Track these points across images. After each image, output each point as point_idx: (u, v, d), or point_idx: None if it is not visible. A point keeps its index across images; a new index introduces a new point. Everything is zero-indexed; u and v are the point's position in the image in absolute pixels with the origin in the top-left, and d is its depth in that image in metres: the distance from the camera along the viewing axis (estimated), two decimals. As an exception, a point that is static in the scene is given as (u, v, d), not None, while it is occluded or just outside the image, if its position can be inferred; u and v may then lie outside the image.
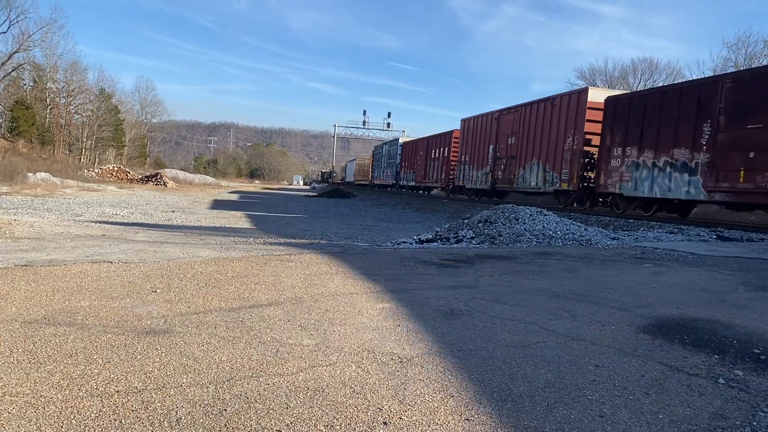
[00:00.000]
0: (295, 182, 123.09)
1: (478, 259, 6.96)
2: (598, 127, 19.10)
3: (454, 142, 33.05)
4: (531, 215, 11.08)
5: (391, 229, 16.64)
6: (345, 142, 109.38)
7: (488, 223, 10.75)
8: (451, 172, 33.47)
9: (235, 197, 37.56)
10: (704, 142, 14.51)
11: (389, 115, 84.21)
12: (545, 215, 11.26)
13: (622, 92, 20.45)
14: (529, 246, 9.07)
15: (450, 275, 5.73)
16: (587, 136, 19.65)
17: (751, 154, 13.17)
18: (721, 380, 2.83)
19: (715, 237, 11.43)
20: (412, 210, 27.68)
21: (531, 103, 23.71)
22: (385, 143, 52.87)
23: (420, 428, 2.19)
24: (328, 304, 4.21)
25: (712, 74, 31.09)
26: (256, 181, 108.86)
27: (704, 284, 5.66)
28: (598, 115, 19.07)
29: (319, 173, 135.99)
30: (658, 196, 16.14)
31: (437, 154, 36.27)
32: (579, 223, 11.65)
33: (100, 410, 2.23)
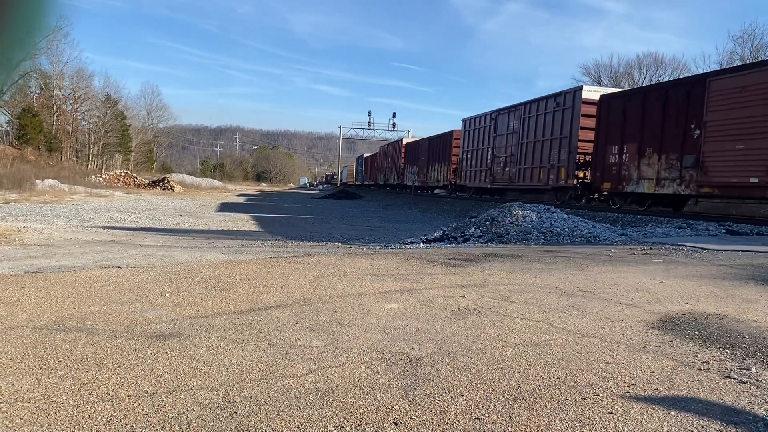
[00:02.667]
0: (302, 184, 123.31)
1: (486, 258, 6.94)
2: (405, 156, 45.03)
3: (377, 159, 57.83)
4: (538, 213, 11.05)
5: (398, 230, 16.63)
6: (351, 143, 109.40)
7: (495, 222, 10.73)
8: (380, 175, 54.92)
9: (242, 200, 37.65)
10: (420, 163, 39.90)
11: (394, 115, 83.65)
12: (552, 212, 11.23)
13: (414, 139, 45.46)
14: (537, 243, 9.05)
15: (458, 274, 5.72)
16: (402, 161, 45.63)
17: (425, 170, 38.88)
18: (732, 375, 2.82)
19: (724, 231, 11.36)
20: (419, 210, 27.67)
21: (387, 144, 54.63)
22: (359, 156, 74.95)
23: (430, 428, 2.19)
24: (336, 305, 4.22)
25: (718, 68, 34.79)
26: (263, 184, 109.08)
27: (714, 279, 5.62)
28: (406, 148, 45.09)
29: (324, 176, 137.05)
30: (417, 184, 40.04)
31: (375, 166, 59.66)
32: (587, 220, 11.62)
33: (111, 415, 2.24)
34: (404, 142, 45.43)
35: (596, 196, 19.77)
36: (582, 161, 20.05)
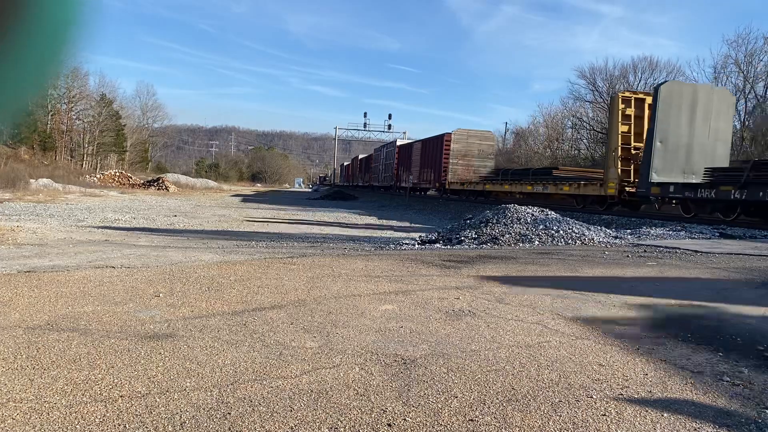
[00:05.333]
0: (297, 185, 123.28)
1: (481, 260, 6.95)
2: (360, 167, 66.64)
3: (351, 167, 74.59)
4: (533, 215, 11.07)
5: (393, 231, 16.65)
6: (346, 144, 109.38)
7: (490, 224, 10.74)
8: (351, 178, 72.39)
9: (237, 200, 37.58)
10: (362, 171, 64.31)
11: (390, 116, 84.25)
12: (547, 215, 11.25)
13: (364, 156, 65.77)
14: (532, 246, 9.06)
15: (453, 276, 5.72)
16: (358, 170, 67.21)
17: (365, 175, 60.76)
18: (725, 378, 2.83)
19: (718, 234, 11.41)
20: (414, 212, 27.70)
21: (354, 158, 75.90)
22: (341, 164, 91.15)
23: (424, 429, 2.19)
24: (330, 306, 4.21)
25: (712, 71, 35.23)
26: (258, 185, 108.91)
27: (707, 282, 5.65)
28: (360, 162, 66.93)
29: (318, 177, 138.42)
30: (362, 184, 62.10)
31: (349, 172, 76.02)
32: (581, 222, 11.64)
33: (104, 415, 2.23)
34: (359, 157, 68.48)
35: (398, 189, 42.85)
36: (395, 174, 43.26)
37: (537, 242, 9.47)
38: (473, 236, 10.15)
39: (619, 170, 17.98)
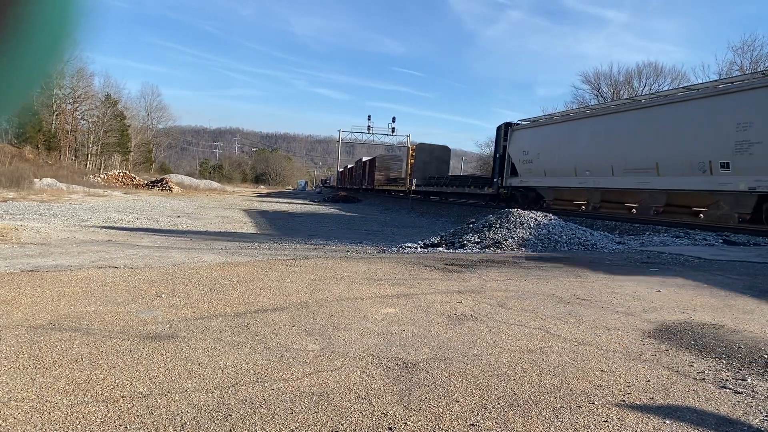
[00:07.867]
0: (300, 186, 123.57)
1: (483, 264, 6.94)
2: (348, 173, 78.16)
3: (344, 173, 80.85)
4: (536, 220, 11.05)
5: (395, 234, 16.65)
6: (350, 147, 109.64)
7: (493, 228, 10.73)
8: (344, 183, 78.04)
9: (240, 201, 37.63)
10: (348, 177, 75.83)
11: (394, 120, 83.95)
12: (550, 220, 11.23)
13: (350, 166, 78.59)
14: (535, 251, 9.05)
15: (455, 280, 5.72)
16: (348, 176, 77.91)
17: (351, 180, 72.20)
18: (728, 385, 2.81)
19: (721, 241, 11.38)
20: (417, 215, 27.70)
21: (345, 165, 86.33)
22: (338, 171, 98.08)
23: (425, 434, 2.18)
24: (332, 309, 4.21)
25: (717, 78, 35.49)
26: (261, 186, 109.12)
27: (710, 289, 5.63)
28: (348, 170, 79.69)
29: (320, 180, 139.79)
30: (349, 186, 68.60)
31: (343, 177, 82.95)
32: (585, 228, 11.62)
33: (106, 415, 2.23)
34: (348, 166, 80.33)
35: (363, 189, 57.40)
36: (361, 180, 58.91)
37: (540, 247, 9.45)
38: (476, 240, 10.13)
39: (409, 179, 39.47)
